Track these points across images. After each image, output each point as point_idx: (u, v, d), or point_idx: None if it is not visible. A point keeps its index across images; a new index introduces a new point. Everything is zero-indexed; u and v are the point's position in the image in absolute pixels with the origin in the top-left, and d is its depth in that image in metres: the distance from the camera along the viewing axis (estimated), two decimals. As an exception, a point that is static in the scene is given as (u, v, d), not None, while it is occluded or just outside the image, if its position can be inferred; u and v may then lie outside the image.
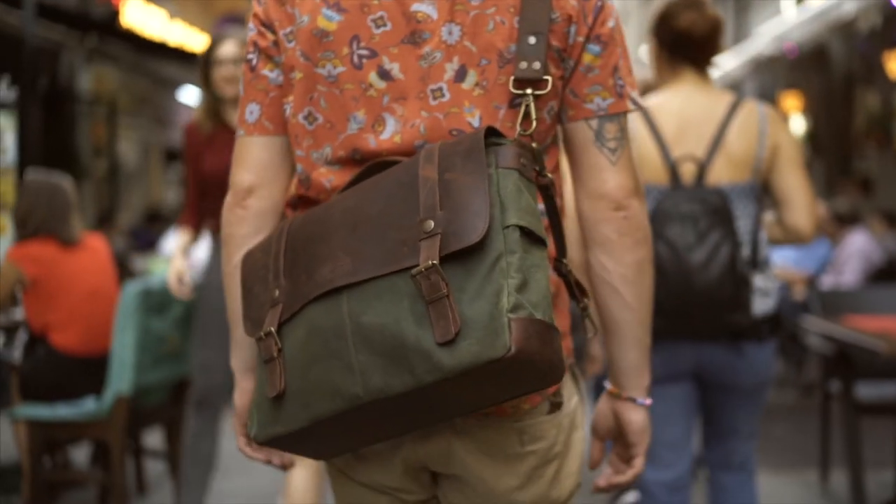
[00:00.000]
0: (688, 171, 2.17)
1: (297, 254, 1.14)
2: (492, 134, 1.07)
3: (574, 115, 1.21)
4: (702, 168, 2.16)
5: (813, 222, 2.23)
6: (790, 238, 2.27)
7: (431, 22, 1.16)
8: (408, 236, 1.03)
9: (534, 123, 1.13)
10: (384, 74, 1.17)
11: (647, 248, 1.24)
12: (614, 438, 1.32)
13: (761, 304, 2.16)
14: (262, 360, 1.15)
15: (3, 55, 6.61)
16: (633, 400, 1.28)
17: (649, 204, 2.14)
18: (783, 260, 5.47)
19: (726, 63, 8.88)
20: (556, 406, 1.22)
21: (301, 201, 1.26)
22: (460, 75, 1.16)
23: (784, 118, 2.53)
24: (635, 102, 1.24)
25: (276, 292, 1.15)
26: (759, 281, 2.17)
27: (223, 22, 15.06)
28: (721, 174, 2.17)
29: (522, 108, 1.13)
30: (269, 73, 1.25)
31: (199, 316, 3.20)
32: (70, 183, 3.46)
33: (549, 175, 1.14)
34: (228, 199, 1.28)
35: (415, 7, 1.17)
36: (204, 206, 3.19)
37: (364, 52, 1.18)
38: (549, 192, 1.15)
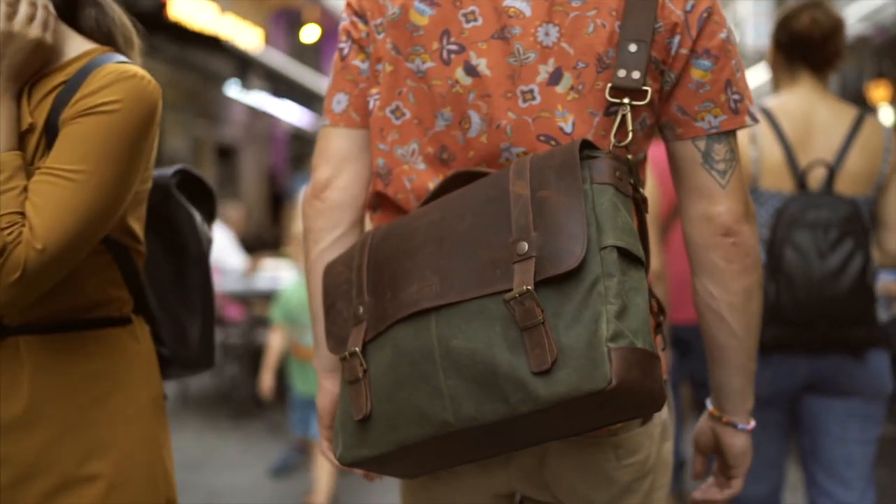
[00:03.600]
0: (816, 178, 2.10)
1: (380, 269, 1.12)
2: (584, 146, 1.03)
3: (683, 134, 1.16)
4: (831, 174, 2.09)
5: None
6: (887, 262, 2.23)
7: (524, 18, 1.13)
8: (499, 257, 1.00)
9: (629, 135, 1.08)
10: (471, 70, 1.14)
11: (756, 273, 1.19)
12: (715, 453, 1.32)
13: (880, 312, 2.15)
14: (347, 380, 1.12)
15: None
16: (734, 425, 1.27)
17: (769, 210, 2.11)
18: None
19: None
20: (648, 417, 1.19)
21: (380, 201, 1.24)
22: (555, 78, 1.12)
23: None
24: (753, 117, 1.17)
25: (360, 309, 1.12)
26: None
27: (277, 17, 14.89)
28: (845, 185, 2.11)
29: (618, 118, 1.08)
30: (361, 63, 1.24)
31: None
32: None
33: (642, 191, 1.07)
34: (307, 191, 1.27)
35: (508, 2, 1.14)
36: None
37: (453, 47, 1.15)
38: (640, 209, 1.08)
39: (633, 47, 1.08)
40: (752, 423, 1.27)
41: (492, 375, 0.97)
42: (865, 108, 8.54)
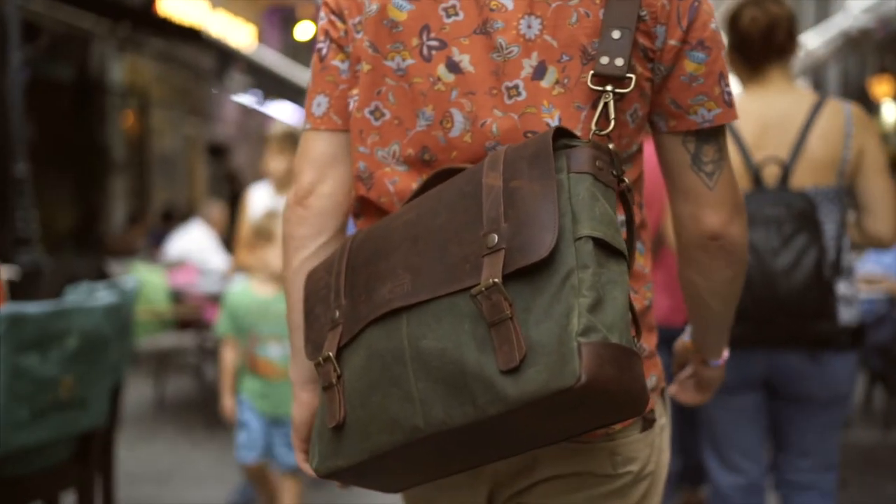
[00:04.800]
0: (771, 175, 2.11)
1: (357, 271, 1.09)
2: (563, 135, 0.99)
3: (675, 126, 1.14)
4: (786, 171, 2.10)
5: (894, 230, 2.16)
6: (870, 243, 2.21)
7: (506, 11, 1.09)
8: (470, 252, 0.96)
9: (611, 123, 1.03)
10: (453, 67, 1.11)
11: (740, 264, 1.20)
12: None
13: (844, 313, 2.10)
14: (322, 386, 1.09)
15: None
16: (706, 362, 1.36)
17: None
18: (883, 268, 4.53)
19: (807, 43, 7.93)
20: (649, 423, 1.16)
21: (363, 206, 1.21)
22: (539, 72, 1.08)
23: (871, 117, 2.31)
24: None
25: (337, 313, 1.10)
26: (842, 288, 2.11)
27: (270, 14, 14.67)
28: (805, 178, 2.11)
29: (600, 106, 1.04)
30: (340, 63, 1.21)
31: None
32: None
33: (627, 181, 1.03)
34: (290, 197, 1.23)
35: None
36: None
37: (434, 42, 1.12)
38: (626, 200, 1.04)
39: (616, 34, 1.05)
40: (726, 355, 1.35)
41: (460, 376, 0.93)
42: (868, 104, 8.32)
